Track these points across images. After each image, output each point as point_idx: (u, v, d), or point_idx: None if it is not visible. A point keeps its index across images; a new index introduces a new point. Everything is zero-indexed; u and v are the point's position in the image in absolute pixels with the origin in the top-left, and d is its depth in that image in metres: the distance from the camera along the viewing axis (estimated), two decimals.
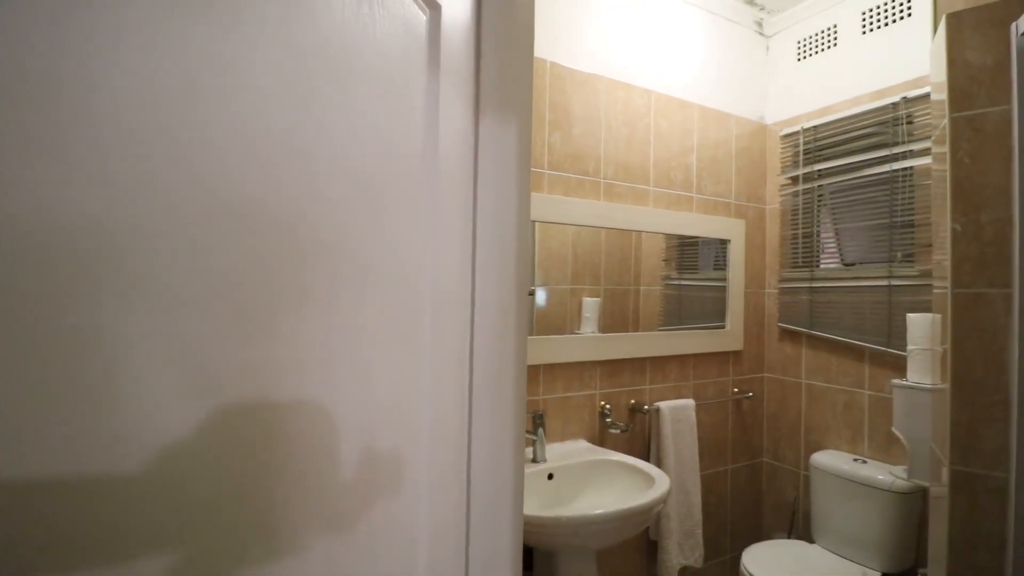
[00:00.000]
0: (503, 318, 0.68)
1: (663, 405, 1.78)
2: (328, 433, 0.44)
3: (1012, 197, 0.97)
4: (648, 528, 1.80)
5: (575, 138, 1.67)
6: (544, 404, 1.60)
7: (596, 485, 1.50)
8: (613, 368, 1.76)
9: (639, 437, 1.82)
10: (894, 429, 1.36)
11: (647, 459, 1.81)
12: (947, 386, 1.10)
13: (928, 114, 1.66)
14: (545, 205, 1.61)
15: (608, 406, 1.71)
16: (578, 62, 1.68)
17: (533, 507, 1.39)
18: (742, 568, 1.64)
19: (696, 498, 1.81)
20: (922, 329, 1.29)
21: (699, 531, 1.81)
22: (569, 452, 1.58)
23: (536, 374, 1.58)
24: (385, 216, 0.51)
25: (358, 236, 0.48)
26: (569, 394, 1.66)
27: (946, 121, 1.05)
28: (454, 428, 0.60)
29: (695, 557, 1.80)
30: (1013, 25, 0.95)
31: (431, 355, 0.56)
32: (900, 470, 1.44)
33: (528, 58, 0.73)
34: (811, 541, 1.87)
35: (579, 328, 1.75)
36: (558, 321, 1.70)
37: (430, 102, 0.58)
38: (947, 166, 1.05)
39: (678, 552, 1.76)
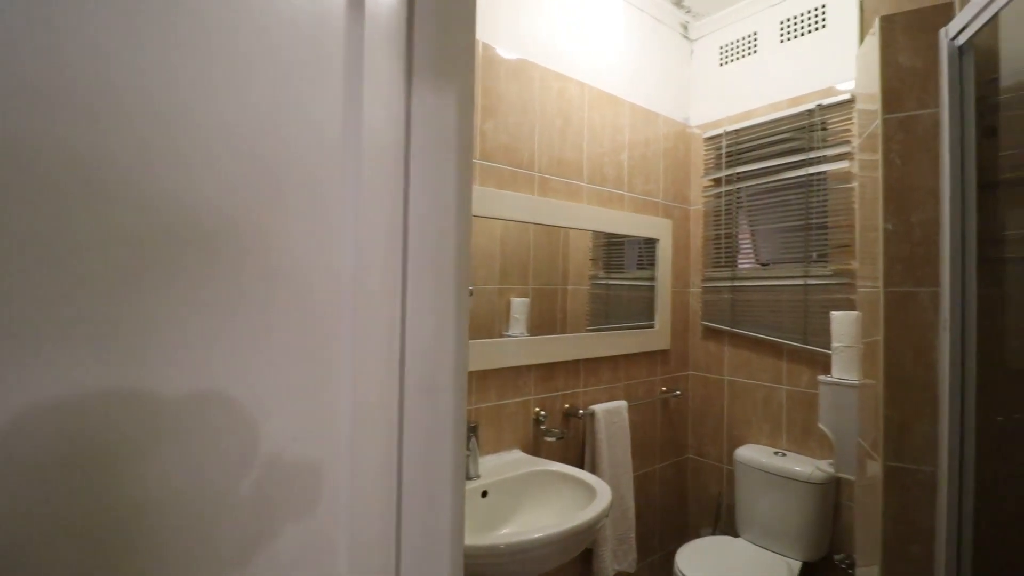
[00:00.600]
0: (440, 319, 0.56)
1: (598, 408, 1.72)
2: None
3: (940, 199, 1.00)
4: None
5: (509, 127, 1.56)
6: (477, 414, 1.47)
7: (534, 500, 1.40)
8: (547, 372, 1.67)
9: (574, 443, 1.75)
10: (820, 425, 1.40)
11: (582, 465, 1.75)
12: (874, 382, 1.13)
13: (846, 120, 1.74)
14: (478, 198, 1.48)
15: (543, 412, 1.62)
16: (513, 47, 1.57)
17: (467, 530, 1.26)
18: (676, 571, 1.63)
19: (630, 501, 1.78)
20: (846, 327, 1.33)
21: (632, 535, 1.78)
22: (504, 464, 1.46)
23: (469, 381, 1.45)
24: (287, 199, 0.39)
25: (249, 221, 0.34)
26: (503, 401, 1.54)
27: (878, 122, 1.06)
28: (380, 445, 0.48)
29: (629, 562, 1.77)
30: (943, 30, 0.97)
31: (350, 361, 0.45)
32: (824, 463, 1.49)
33: (469, 16, 0.60)
34: (736, 535, 1.92)
35: (508, 330, 1.64)
36: (487, 322, 1.59)
37: (351, 60, 0.45)
38: (879, 167, 1.07)
39: (612, 559, 1.72)
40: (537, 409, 1.63)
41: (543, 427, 1.60)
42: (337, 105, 0.44)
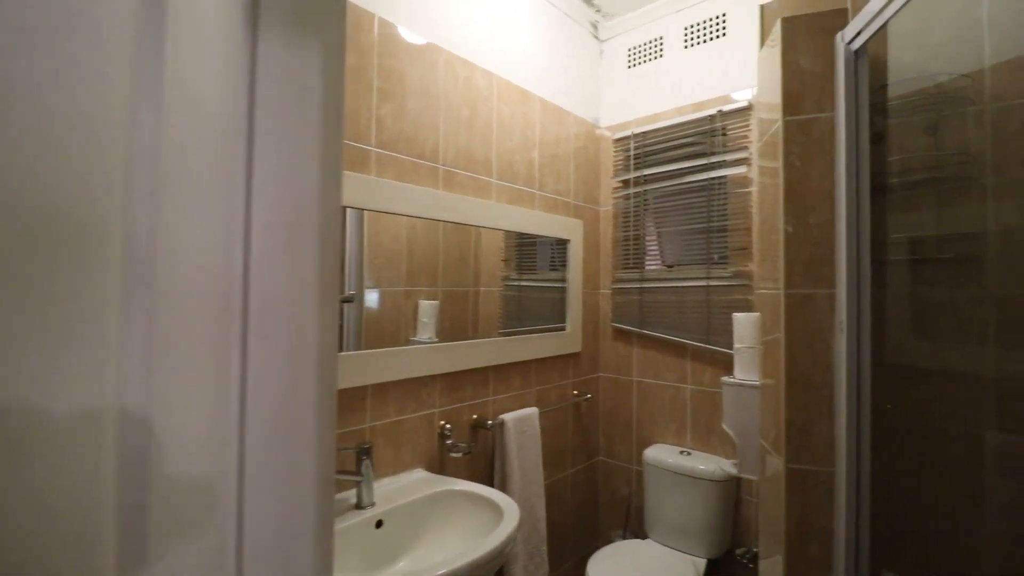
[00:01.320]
0: (298, 333, 0.44)
1: (508, 418, 1.63)
2: None
3: (836, 201, 1.01)
4: None
5: (410, 114, 1.42)
6: (372, 433, 1.31)
7: (438, 526, 1.26)
8: (454, 381, 1.54)
9: (482, 456, 1.64)
10: (724, 426, 1.41)
11: (491, 479, 1.64)
12: (774, 382, 1.13)
13: (744, 126, 1.80)
14: (376, 190, 1.32)
15: (448, 425, 1.49)
16: (416, 27, 1.43)
17: (355, 568, 1.10)
18: None
19: (541, 512, 1.70)
20: (747, 328, 1.35)
21: (544, 548, 1.70)
22: (404, 487, 1.32)
23: (363, 397, 1.29)
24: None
25: None
26: (403, 417, 1.39)
27: (779, 124, 1.06)
28: (211, 493, 0.34)
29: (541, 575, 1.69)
30: (839, 34, 0.98)
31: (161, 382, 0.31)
32: (728, 464, 1.51)
33: None
34: (645, 536, 1.91)
35: (416, 335, 1.50)
36: (392, 329, 1.43)
37: None
38: (779, 170, 1.07)
39: (523, 574, 1.63)
40: (442, 422, 1.50)
41: (449, 442, 1.47)
42: (131, 53, 0.31)
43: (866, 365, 0.97)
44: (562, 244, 2.02)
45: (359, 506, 1.20)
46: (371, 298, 1.38)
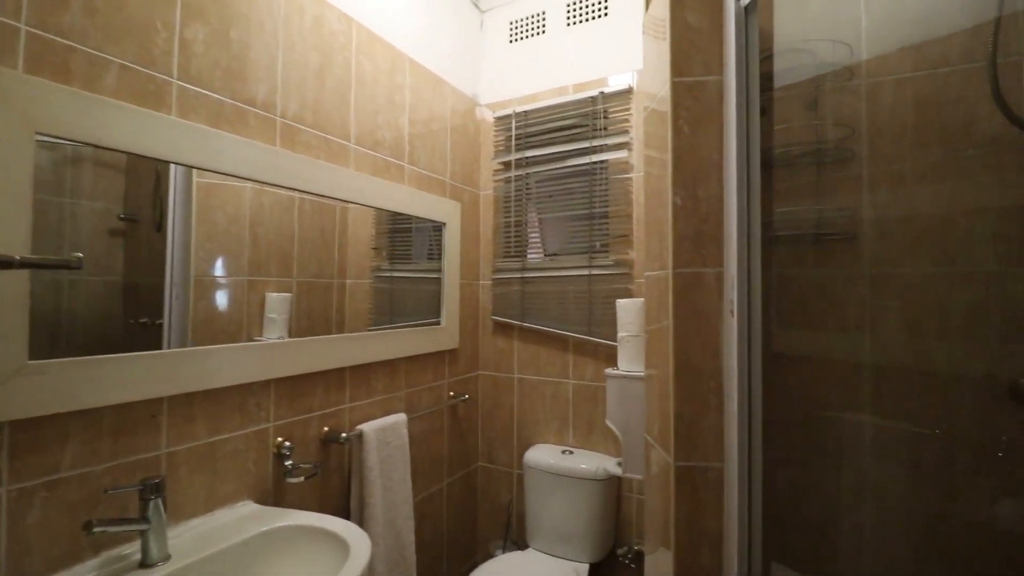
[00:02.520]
0: None
1: (368, 428, 1.37)
2: None
3: (725, 173, 0.92)
4: None
5: (233, 45, 1.10)
6: (170, 462, 0.98)
7: None
8: (296, 387, 1.25)
9: (335, 477, 1.36)
10: (607, 422, 1.31)
11: (347, 506, 1.37)
12: (658, 372, 1.03)
13: (625, 110, 1.73)
14: (182, 136, 0.98)
15: (288, 443, 1.20)
16: None
17: None
18: None
19: (409, 537, 1.47)
20: (632, 315, 1.25)
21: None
22: (219, 529, 1.00)
23: (155, 412, 0.95)
24: None
25: None
26: (221, 437, 1.07)
27: (667, 87, 0.96)
28: None
29: None
30: None
31: None
32: (612, 463, 1.41)
33: None
34: (526, 545, 1.77)
35: (262, 335, 1.18)
36: (229, 326, 1.11)
37: None
38: (668, 137, 0.96)
39: None
40: (280, 440, 1.19)
41: (288, 464, 1.18)
42: None
43: (757, 350, 0.90)
44: (440, 231, 1.80)
45: (144, 564, 0.87)
46: (202, 291, 1.05)
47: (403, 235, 1.69)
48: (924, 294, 0.91)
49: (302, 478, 1.16)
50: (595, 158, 1.78)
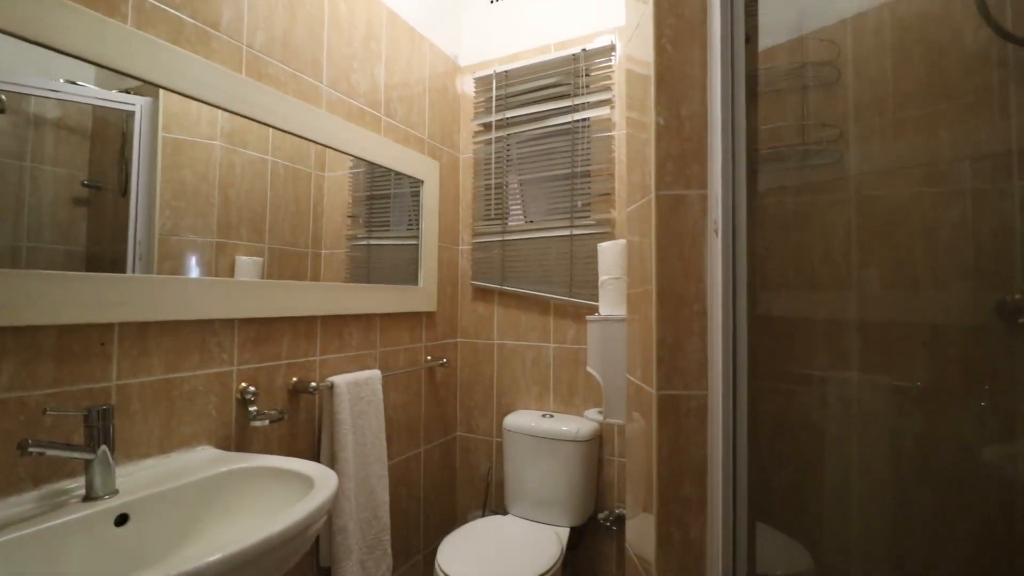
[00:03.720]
0: None
1: (339, 380, 1.31)
2: None
3: (709, 91, 0.90)
4: (318, 552, 1.30)
5: None
6: (118, 395, 0.91)
7: (219, 513, 0.91)
8: (263, 331, 1.19)
9: (304, 430, 1.30)
10: (589, 368, 1.27)
11: (317, 458, 1.31)
12: (639, 318, 1.00)
13: (607, 68, 1.71)
14: (140, 48, 0.92)
15: (252, 389, 1.13)
16: None
17: None
18: (438, 570, 1.32)
19: (383, 496, 1.41)
20: (613, 257, 1.22)
21: (387, 537, 1.41)
22: (175, 471, 0.94)
23: (105, 340, 0.88)
24: None
25: None
26: (178, 374, 1.01)
27: (651, 3, 0.93)
28: None
29: (383, 571, 1.40)
30: None
31: None
32: (593, 411, 1.37)
33: None
34: (505, 512, 1.73)
35: None
36: None
37: None
38: (651, 56, 0.93)
39: (360, 572, 1.32)
40: (243, 385, 1.13)
41: (252, 411, 1.11)
42: None
43: (742, 271, 0.87)
44: (417, 196, 1.75)
45: (89, 497, 0.80)
46: (167, 252, 0.99)
47: (381, 202, 1.64)
48: (909, 215, 0.89)
49: (267, 421, 1.10)
50: (577, 116, 1.75)
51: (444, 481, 1.91)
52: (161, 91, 0.98)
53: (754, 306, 0.89)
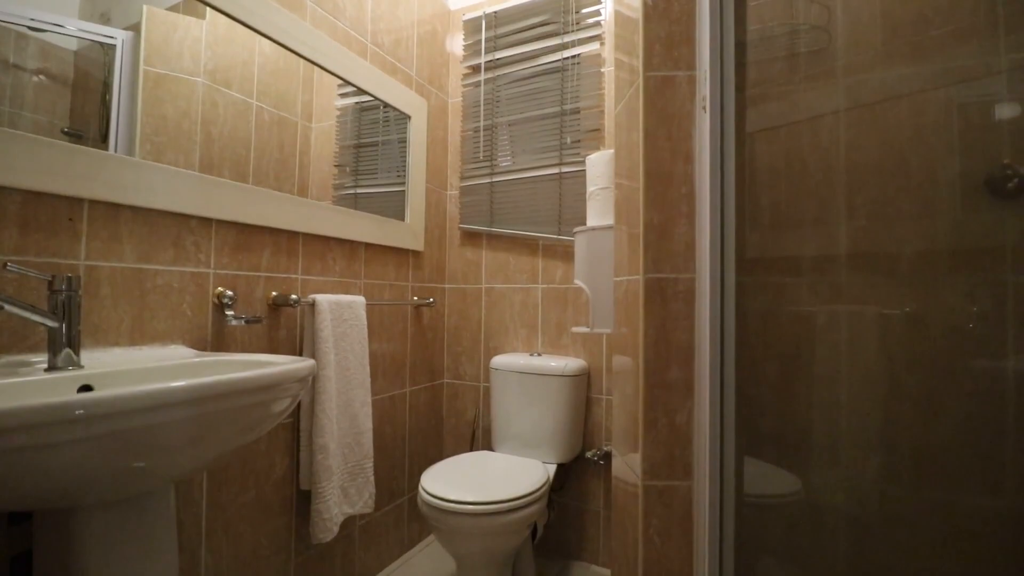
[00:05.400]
0: None
1: (322, 298, 1.28)
2: None
3: None
4: (298, 475, 1.27)
5: None
6: (87, 276, 0.87)
7: None
8: (243, 238, 1.15)
9: (286, 344, 1.26)
10: (576, 280, 1.25)
11: None
12: (624, 227, 0.99)
13: (596, 2, 1.69)
14: None
15: (230, 293, 1.10)
16: None
17: None
18: (421, 491, 1.30)
19: (366, 423, 1.38)
20: (601, 167, 1.20)
21: (370, 464, 1.38)
22: (144, 358, 0.90)
23: (73, 216, 0.85)
24: None
25: None
26: (151, 267, 0.97)
27: None
28: None
29: (364, 500, 1.37)
30: None
31: None
32: (582, 328, 1.35)
33: None
34: (492, 451, 1.70)
35: None
36: None
37: None
38: None
39: (341, 497, 1.30)
40: (221, 289, 1.10)
41: (229, 315, 1.08)
42: None
43: (730, 150, 0.85)
44: (404, 142, 1.72)
45: (52, 367, 0.77)
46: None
47: (369, 149, 1.61)
48: (897, 100, 0.88)
49: (243, 321, 1.06)
50: (567, 54, 1.73)
51: (430, 426, 1.88)
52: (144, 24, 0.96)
53: (743, 186, 0.87)
